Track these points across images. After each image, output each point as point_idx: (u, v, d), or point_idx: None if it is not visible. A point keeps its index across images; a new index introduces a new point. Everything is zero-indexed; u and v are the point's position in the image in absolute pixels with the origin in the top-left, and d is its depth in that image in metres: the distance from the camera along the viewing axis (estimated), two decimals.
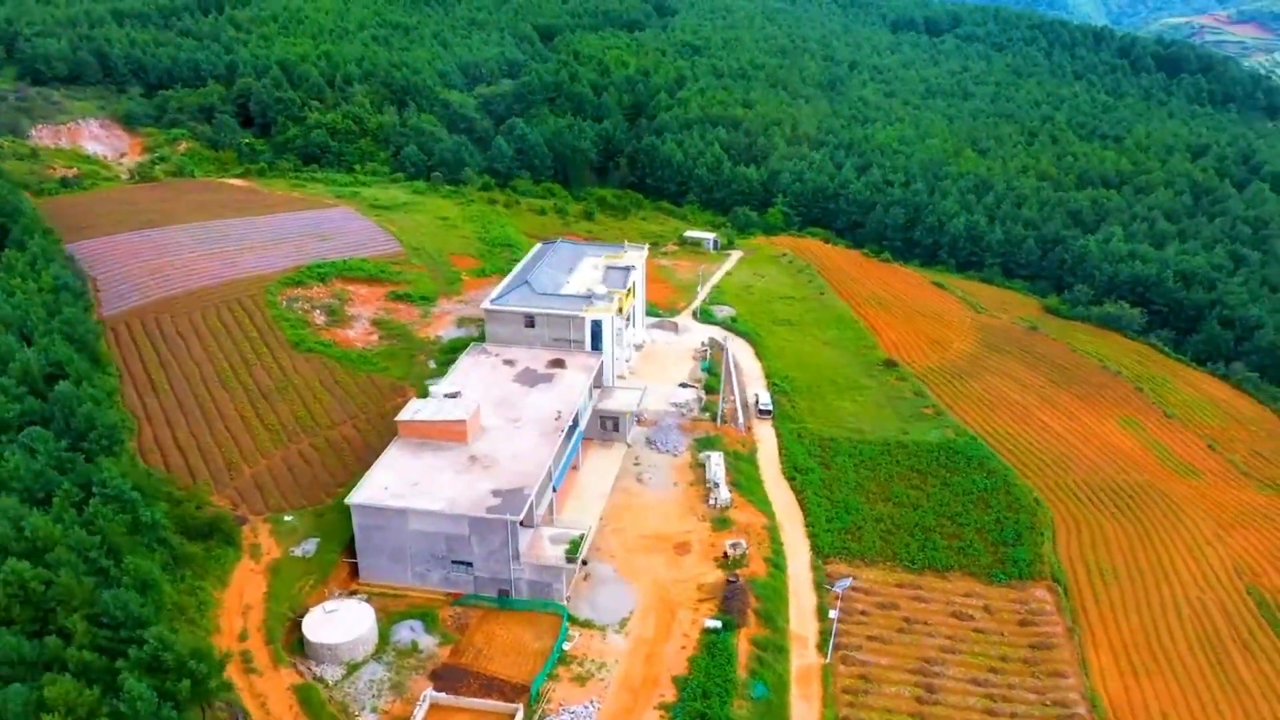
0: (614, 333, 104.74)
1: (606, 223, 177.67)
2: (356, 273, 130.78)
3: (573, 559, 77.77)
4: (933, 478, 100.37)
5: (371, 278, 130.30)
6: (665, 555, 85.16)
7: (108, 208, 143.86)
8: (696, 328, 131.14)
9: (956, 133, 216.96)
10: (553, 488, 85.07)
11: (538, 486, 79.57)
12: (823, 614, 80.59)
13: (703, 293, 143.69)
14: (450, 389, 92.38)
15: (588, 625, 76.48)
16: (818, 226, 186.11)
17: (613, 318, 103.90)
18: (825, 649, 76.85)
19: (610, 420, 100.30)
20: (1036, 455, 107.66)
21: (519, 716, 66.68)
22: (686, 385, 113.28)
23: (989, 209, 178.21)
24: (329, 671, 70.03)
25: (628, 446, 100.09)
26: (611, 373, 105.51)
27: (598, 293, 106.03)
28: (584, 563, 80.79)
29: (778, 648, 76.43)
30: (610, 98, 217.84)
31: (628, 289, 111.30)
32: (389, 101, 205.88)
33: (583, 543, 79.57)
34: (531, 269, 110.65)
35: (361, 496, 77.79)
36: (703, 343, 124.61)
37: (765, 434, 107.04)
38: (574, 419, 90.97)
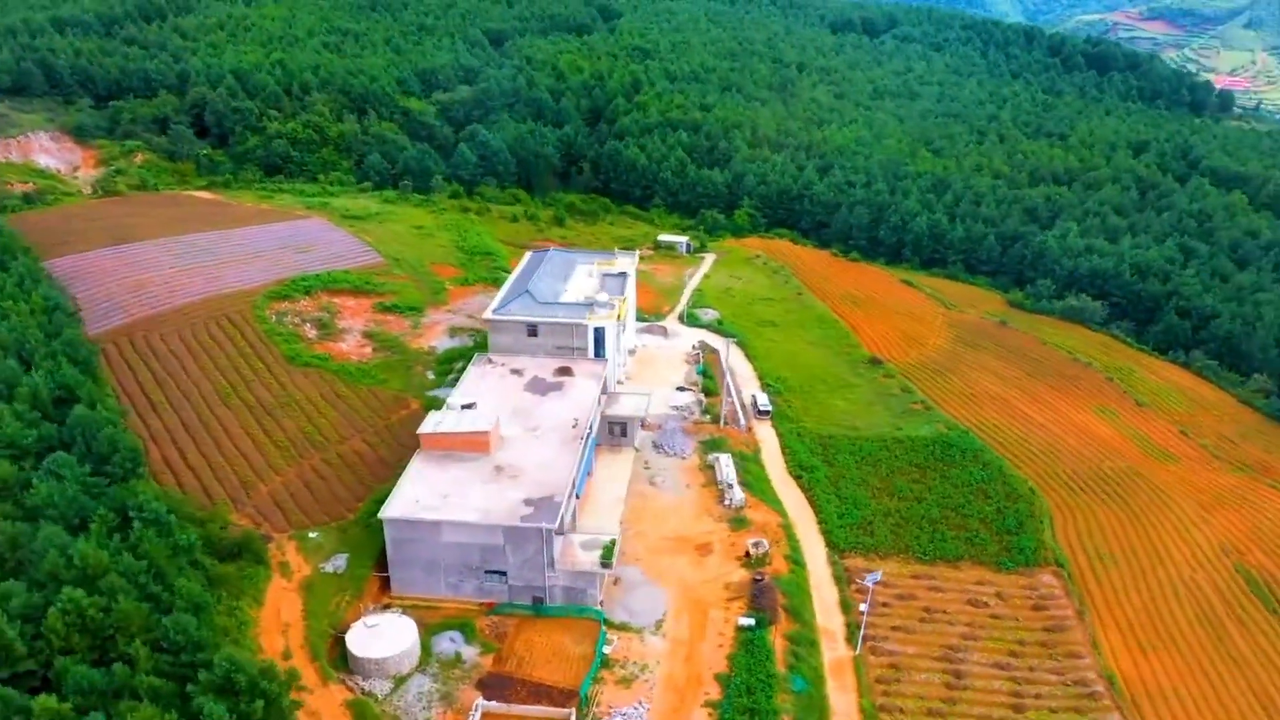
0: (616, 339, 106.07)
1: (578, 228, 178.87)
2: (341, 285, 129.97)
3: (607, 564, 78.98)
4: (932, 471, 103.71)
5: (357, 289, 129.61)
6: (689, 556, 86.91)
7: (75, 224, 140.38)
8: (685, 331, 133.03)
9: (909, 133, 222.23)
10: (575, 495, 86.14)
11: (566, 494, 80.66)
12: (845, 608, 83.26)
13: (685, 296, 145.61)
14: (464, 400, 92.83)
15: (625, 628, 77.92)
16: (783, 227, 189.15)
17: (615, 324, 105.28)
18: (854, 641, 79.36)
19: (619, 425, 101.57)
20: (1025, 446, 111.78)
21: None
22: (684, 389, 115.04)
23: (949, 207, 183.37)
24: (377, 686, 70.27)
25: (636, 451, 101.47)
26: (612, 379, 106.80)
27: (598, 300, 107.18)
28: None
29: (809, 642, 78.78)
30: (569, 102, 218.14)
31: (624, 296, 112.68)
32: (348, 110, 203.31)
33: (614, 547, 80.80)
34: (530, 278, 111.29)
35: (394, 510, 78.02)
36: (694, 346, 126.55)
37: (766, 434, 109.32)
38: (590, 426, 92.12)
